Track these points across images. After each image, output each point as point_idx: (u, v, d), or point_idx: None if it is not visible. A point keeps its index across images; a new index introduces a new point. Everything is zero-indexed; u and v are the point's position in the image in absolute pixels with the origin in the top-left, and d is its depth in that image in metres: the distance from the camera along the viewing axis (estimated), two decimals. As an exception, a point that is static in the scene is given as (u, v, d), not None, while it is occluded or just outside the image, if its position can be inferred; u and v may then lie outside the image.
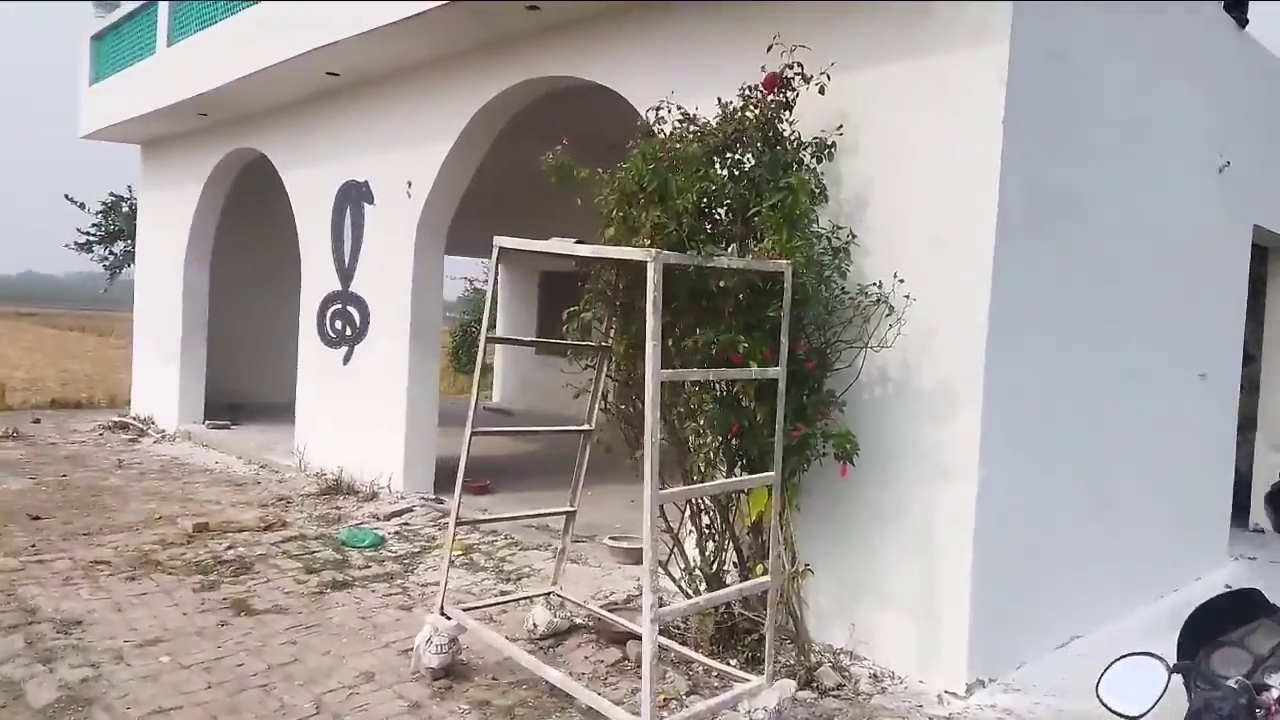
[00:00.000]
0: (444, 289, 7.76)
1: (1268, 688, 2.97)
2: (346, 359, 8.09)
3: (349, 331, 8.07)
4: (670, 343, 3.98)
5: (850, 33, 4.28)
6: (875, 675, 4.15)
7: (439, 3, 5.59)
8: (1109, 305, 4.84)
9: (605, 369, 4.34)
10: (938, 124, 4.00)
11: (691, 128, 4.09)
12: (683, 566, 4.46)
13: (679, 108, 4.18)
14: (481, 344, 3.96)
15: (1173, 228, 5.47)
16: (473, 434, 3.96)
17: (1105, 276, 4.79)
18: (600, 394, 4.39)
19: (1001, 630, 4.18)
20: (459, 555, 5.91)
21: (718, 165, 4.00)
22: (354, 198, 7.91)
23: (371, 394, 7.77)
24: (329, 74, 7.45)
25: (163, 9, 9.31)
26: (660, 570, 4.57)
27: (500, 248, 3.89)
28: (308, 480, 8.05)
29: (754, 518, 4.06)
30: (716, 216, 4.07)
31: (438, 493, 7.57)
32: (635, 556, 5.77)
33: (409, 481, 7.46)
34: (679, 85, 4.47)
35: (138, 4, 9.97)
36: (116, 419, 11.29)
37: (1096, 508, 4.96)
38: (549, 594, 4.52)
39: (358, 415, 7.92)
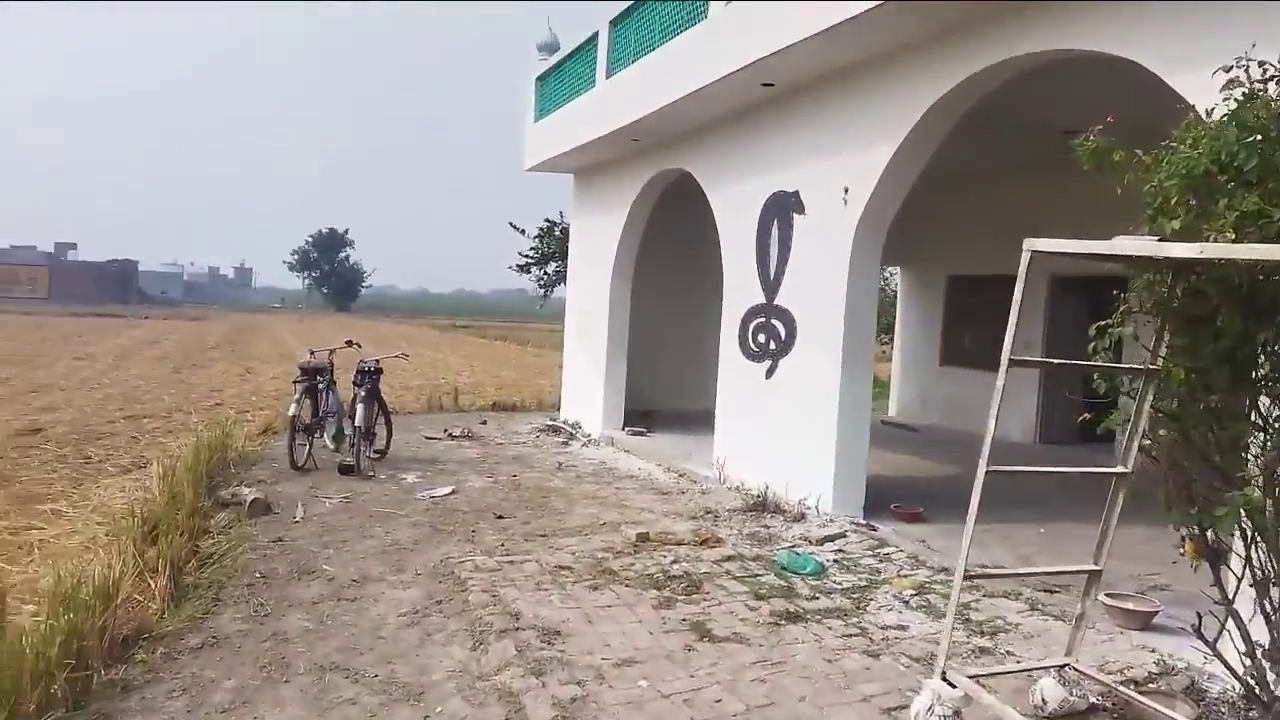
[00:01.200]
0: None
1: None
2: (770, 373, 7.91)
3: (773, 345, 7.88)
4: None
5: None
6: None
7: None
8: None
9: (1149, 397, 3.52)
10: None
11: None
12: (1242, 649, 3.46)
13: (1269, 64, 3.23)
14: (1002, 366, 3.35)
15: None
16: (988, 471, 3.38)
17: None
18: (1140, 428, 3.57)
19: None
20: (912, 595, 5.35)
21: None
22: (782, 208, 7.70)
23: (796, 409, 7.49)
24: (764, 85, 7.31)
25: (602, 43, 9.91)
26: (1206, 649, 3.67)
27: (1031, 252, 3.25)
28: (730, 494, 8.00)
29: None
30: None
31: (868, 518, 7.06)
32: (1142, 620, 4.75)
33: (838, 504, 7.05)
34: (1258, 37, 3.48)
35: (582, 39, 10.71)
36: (549, 423, 12.36)
37: None
38: (1064, 666, 3.76)
39: (781, 431, 7.69)
